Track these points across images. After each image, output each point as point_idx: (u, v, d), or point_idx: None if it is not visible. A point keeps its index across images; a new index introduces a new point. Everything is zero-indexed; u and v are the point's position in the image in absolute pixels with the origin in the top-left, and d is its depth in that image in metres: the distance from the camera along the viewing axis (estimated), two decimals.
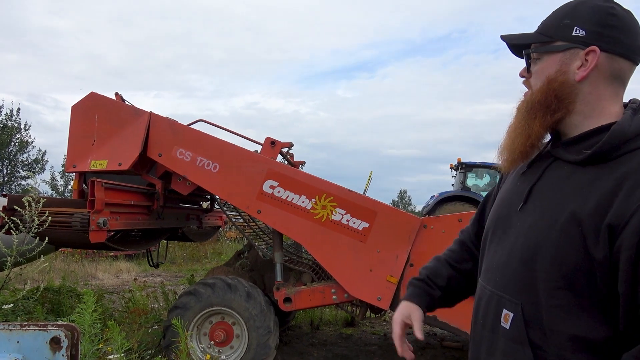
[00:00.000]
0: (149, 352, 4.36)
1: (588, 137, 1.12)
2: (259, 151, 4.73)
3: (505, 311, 1.12)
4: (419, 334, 1.36)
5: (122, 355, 2.65)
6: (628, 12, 1.13)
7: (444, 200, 11.61)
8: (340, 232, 4.23)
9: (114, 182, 4.30)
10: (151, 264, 6.75)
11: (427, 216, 5.43)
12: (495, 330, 1.15)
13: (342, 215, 4.24)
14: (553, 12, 1.19)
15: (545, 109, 1.14)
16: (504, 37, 1.25)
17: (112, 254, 13.22)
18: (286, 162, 5.43)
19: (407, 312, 1.41)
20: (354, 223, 4.22)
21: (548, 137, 1.22)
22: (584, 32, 1.11)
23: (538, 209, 1.13)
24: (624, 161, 1.03)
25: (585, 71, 1.11)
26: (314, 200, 4.26)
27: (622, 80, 1.14)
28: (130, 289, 7.48)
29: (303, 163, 5.97)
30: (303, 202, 4.28)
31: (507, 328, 1.11)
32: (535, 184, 1.18)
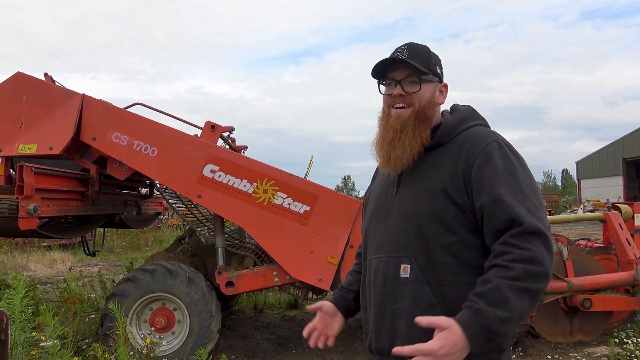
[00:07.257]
0: (86, 341, 4.25)
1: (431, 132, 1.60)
2: (199, 135, 4.66)
3: (403, 265, 1.48)
4: (331, 340, 1.69)
5: (56, 341, 2.57)
6: None
7: None
8: (281, 216, 4.27)
9: (45, 167, 4.12)
10: (87, 252, 6.52)
11: None
12: (397, 282, 1.49)
13: (284, 199, 4.28)
14: (417, 50, 1.59)
15: (429, 120, 1.60)
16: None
17: (44, 243, 12.64)
18: (227, 146, 5.38)
19: (332, 311, 1.72)
20: (295, 206, 4.27)
21: None
22: (440, 71, 1.64)
23: (410, 187, 1.55)
24: (455, 140, 1.56)
25: (444, 98, 1.66)
26: (255, 184, 4.27)
27: None
28: (65, 279, 7.20)
29: (245, 148, 5.94)
30: (244, 186, 4.28)
31: (408, 277, 1.47)
32: (402, 172, 1.59)
